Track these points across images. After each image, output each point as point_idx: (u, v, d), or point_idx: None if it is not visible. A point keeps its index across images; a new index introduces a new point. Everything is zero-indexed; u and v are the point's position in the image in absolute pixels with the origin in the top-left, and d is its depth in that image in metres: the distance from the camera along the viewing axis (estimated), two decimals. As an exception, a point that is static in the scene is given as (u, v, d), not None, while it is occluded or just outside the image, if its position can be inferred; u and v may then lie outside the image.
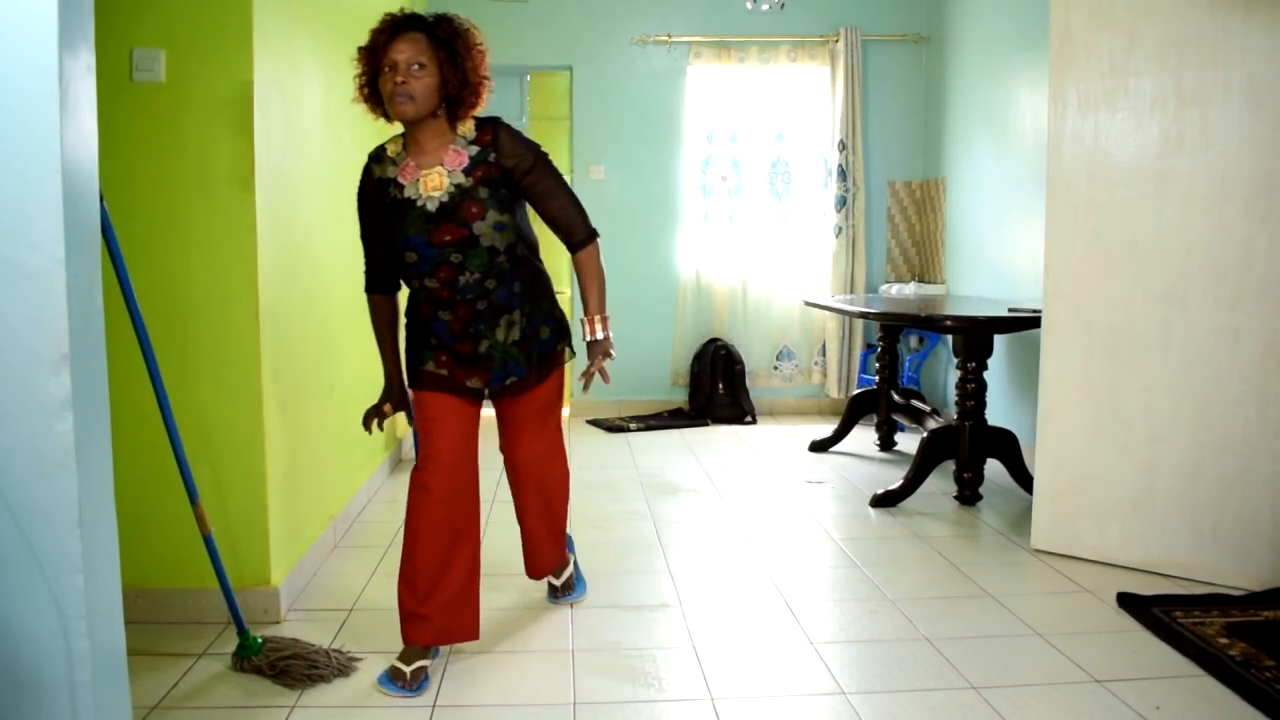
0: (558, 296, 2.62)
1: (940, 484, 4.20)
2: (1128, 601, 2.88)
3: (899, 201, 6.11)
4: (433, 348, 2.45)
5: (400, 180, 2.36)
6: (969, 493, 3.98)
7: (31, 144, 1.42)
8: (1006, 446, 4.00)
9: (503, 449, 2.68)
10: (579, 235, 2.49)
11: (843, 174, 5.91)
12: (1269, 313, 2.91)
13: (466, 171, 2.34)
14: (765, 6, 5.05)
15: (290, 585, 2.89)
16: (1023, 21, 4.75)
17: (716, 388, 5.93)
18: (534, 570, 2.82)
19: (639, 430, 5.65)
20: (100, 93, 1.59)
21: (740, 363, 5.99)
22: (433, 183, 2.33)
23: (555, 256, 3.27)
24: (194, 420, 2.65)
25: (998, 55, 5.06)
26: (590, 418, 5.94)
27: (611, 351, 2.51)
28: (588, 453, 5.07)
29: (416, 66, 2.24)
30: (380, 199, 2.39)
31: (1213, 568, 3.05)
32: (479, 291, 2.37)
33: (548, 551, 2.80)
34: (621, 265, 5.98)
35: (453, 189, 2.34)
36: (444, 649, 2.59)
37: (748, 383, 6.04)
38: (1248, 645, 2.55)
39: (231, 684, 2.39)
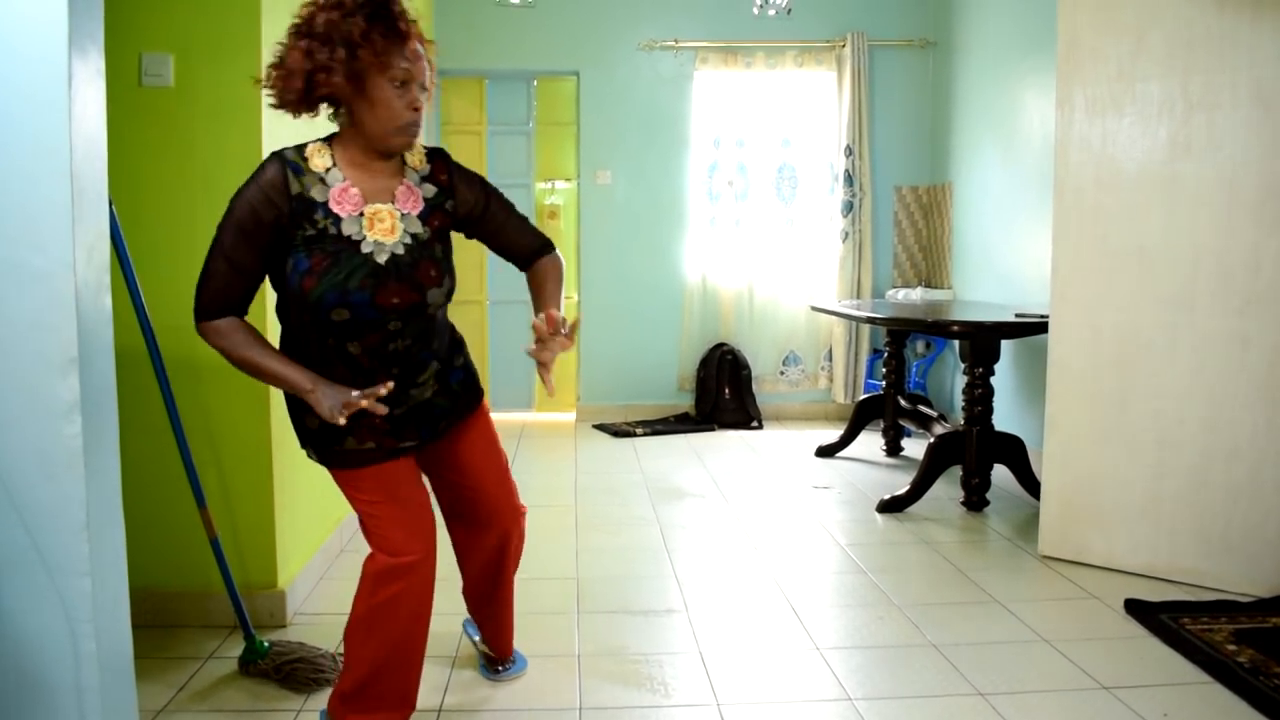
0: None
1: (947, 489, 4.18)
2: (1135, 608, 2.87)
3: (906, 206, 6.11)
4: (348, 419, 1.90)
5: (335, 209, 1.84)
6: (976, 498, 3.97)
7: (41, 148, 1.43)
8: (1013, 452, 3.98)
9: (459, 496, 2.22)
10: (540, 242, 2.11)
11: (849, 179, 5.90)
12: (1278, 318, 2.90)
13: (423, 218, 1.93)
14: (772, 12, 5.05)
15: (296, 589, 2.89)
16: (1029, 26, 4.74)
17: (723, 392, 5.92)
18: (506, 646, 2.47)
19: (645, 435, 5.65)
20: (109, 97, 1.60)
21: (746, 367, 5.98)
22: (383, 225, 1.86)
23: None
24: (201, 424, 2.66)
25: (1004, 60, 5.05)
26: (596, 422, 5.94)
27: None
28: (594, 457, 5.06)
29: (423, 90, 1.84)
30: (296, 223, 1.82)
31: (1221, 574, 3.03)
32: (401, 359, 1.95)
33: (511, 617, 2.46)
34: (628, 270, 6.01)
35: (409, 240, 1.89)
36: (450, 651, 2.59)
37: (754, 388, 6.04)
38: (1256, 652, 2.54)
39: (237, 687, 2.39)
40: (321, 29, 1.74)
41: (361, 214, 1.86)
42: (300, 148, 1.88)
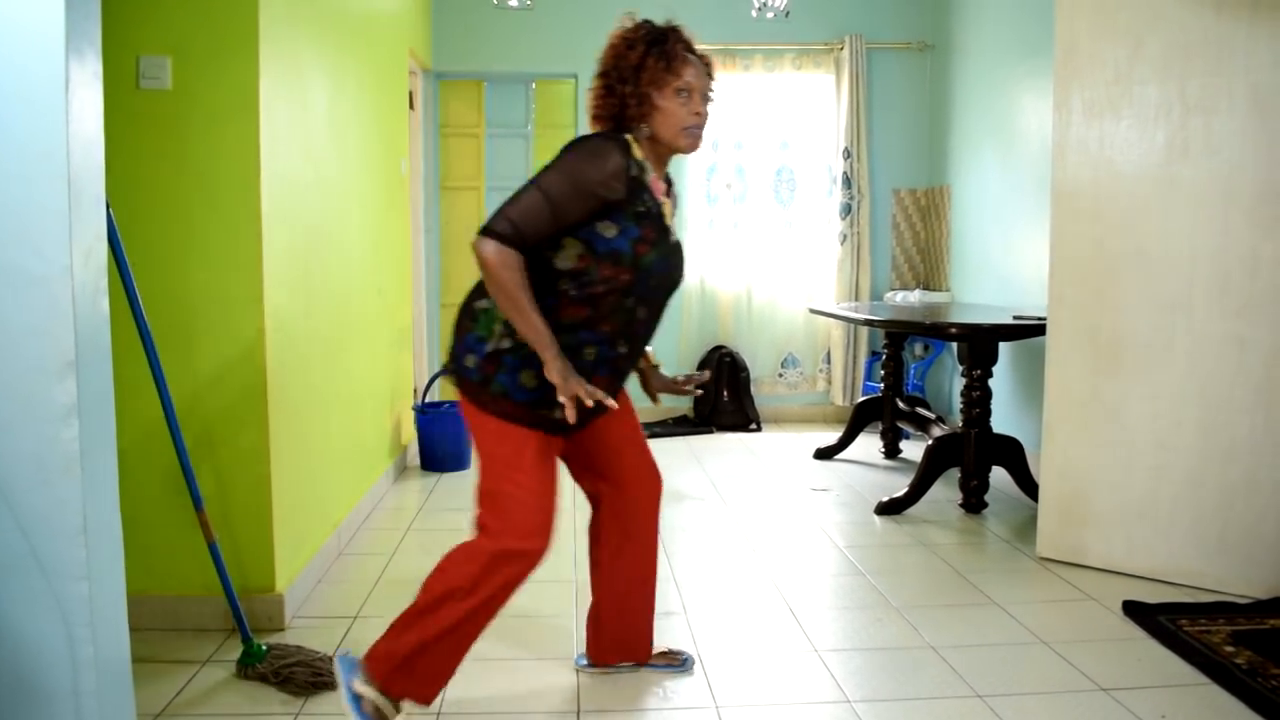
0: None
1: (945, 492, 4.18)
2: (1133, 610, 2.87)
3: (904, 209, 6.11)
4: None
5: (655, 194, 2.11)
6: (974, 500, 3.97)
7: (37, 151, 1.43)
8: (1011, 454, 3.99)
9: (625, 482, 2.44)
10: None
11: (847, 181, 5.91)
12: (1274, 320, 2.90)
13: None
14: (770, 14, 5.06)
15: (294, 592, 2.89)
16: (1027, 29, 4.75)
17: (721, 395, 5.92)
18: (647, 645, 2.53)
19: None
20: (106, 100, 1.60)
21: (745, 370, 5.99)
22: (668, 219, 2.16)
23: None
24: (199, 427, 2.65)
25: (1002, 63, 5.06)
26: (595, 425, 5.93)
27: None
28: (592, 460, 5.06)
29: (705, 99, 2.12)
30: (631, 200, 2.02)
31: (1218, 576, 3.04)
32: (644, 341, 2.21)
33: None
34: (626, 272, 6.00)
35: (676, 236, 2.20)
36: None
37: (753, 390, 6.04)
38: (1254, 653, 2.54)
39: (235, 691, 2.39)
40: (611, 64, 2.10)
41: (665, 205, 2.14)
42: (628, 138, 2.08)
